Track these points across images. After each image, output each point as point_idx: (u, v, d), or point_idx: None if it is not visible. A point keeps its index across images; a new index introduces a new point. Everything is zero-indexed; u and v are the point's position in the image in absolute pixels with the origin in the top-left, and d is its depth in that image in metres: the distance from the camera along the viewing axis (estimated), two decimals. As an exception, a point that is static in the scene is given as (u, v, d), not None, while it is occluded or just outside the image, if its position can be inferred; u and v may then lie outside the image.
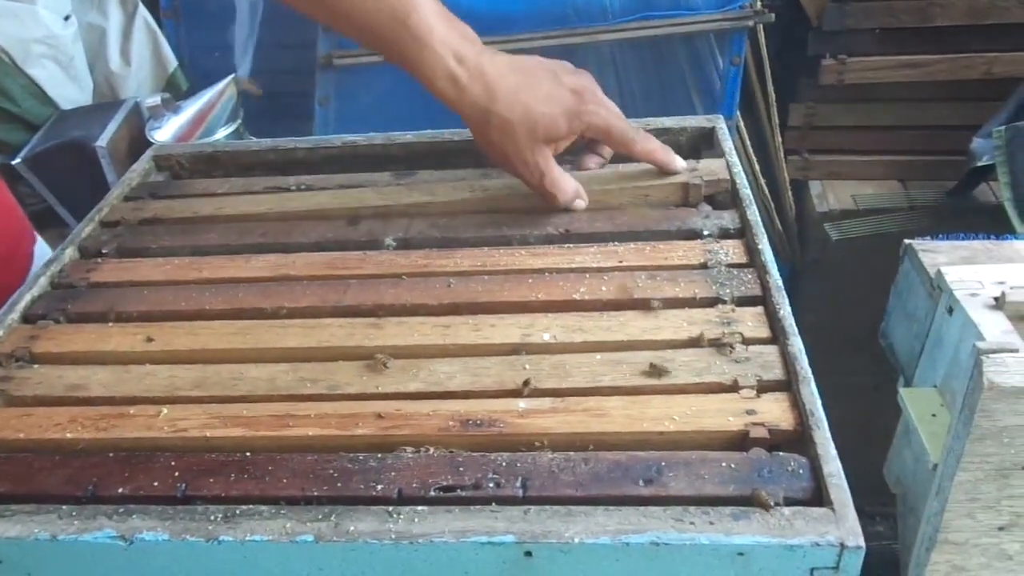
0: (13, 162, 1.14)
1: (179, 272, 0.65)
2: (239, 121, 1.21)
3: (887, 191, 1.31)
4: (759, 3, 1.09)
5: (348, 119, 1.17)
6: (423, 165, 0.79)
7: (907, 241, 0.71)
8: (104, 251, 0.68)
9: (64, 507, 0.44)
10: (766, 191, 1.31)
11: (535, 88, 0.63)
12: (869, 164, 1.33)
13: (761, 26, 1.14)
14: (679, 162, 0.68)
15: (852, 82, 1.24)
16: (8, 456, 0.49)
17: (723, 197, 0.69)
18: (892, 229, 1.24)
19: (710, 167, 0.69)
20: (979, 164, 1.07)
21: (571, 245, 0.64)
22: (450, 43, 0.61)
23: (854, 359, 1.26)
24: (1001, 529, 0.59)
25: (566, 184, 0.66)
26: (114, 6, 1.30)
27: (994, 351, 0.54)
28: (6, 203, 0.78)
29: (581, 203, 0.67)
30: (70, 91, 1.25)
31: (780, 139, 1.30)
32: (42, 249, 0.82)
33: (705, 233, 0.64)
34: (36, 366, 0.56)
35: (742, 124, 1.24)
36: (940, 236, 0.73)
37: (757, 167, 1.28)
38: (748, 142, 1.26)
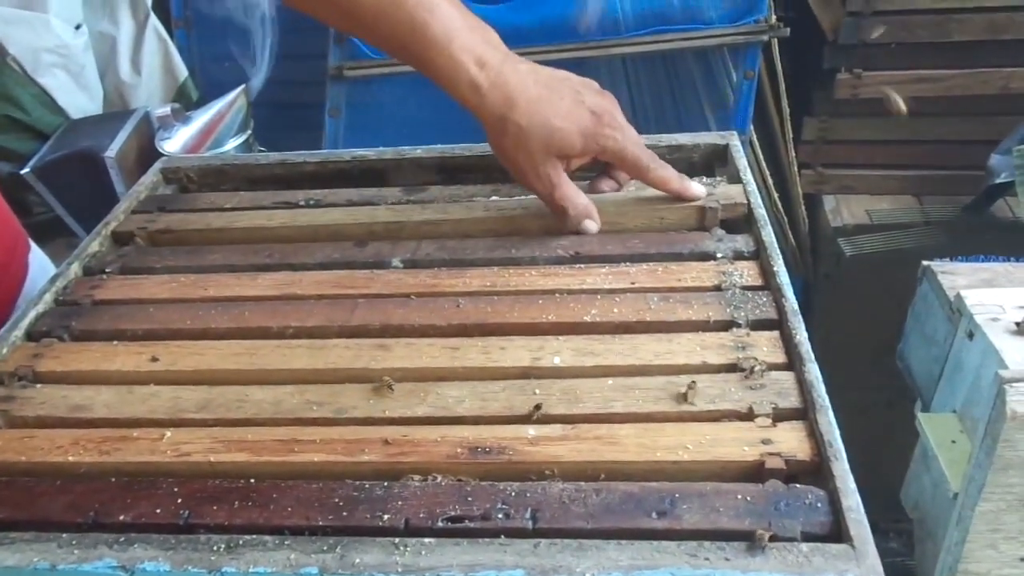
0: (22, 171, 1.14)
1: (185, 290, 0.64)
2: (249, 132, 1.21)
3: (902, 206, 1.29)
4: (774, 17, 1.08)
5: (358, 130, 1.16)
6: (433, 180, 0.79)
7: (925, 263, 0.70)
8: (108, 270, 0.67)
9: (64, 535, 0.43)
10: (779, 206, 1.30)
11: (555, 103, 0.62)
12: (884, 179, 1.32)
13: (775, 40, 1.13)
14: (695, 189, 0.67)
15: (867, 96, 1.23)
16: (9, 480, 0.48)
17: (738, 220, 0.68)
18: (907, 245, 1.22)
19: (728, 192, 0.68)
20: (998, 181, 1.06)
21: (582, 266, 0.63)
22: (472, 49, 0.60)
23: (867, 375, 1.25)
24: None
25: (578, 199, 0.65)
26: (125, 15, 1.31)
27: (1018, 380, 0.52)
28: (1, 211, 0.78)
29: (592, 224, 0.66)
30: (80, 100, 1.25)
31: (794, 153, 1.29)
32: (37, 257, 0.81)
33: (719, 255, 0.63)
34: (39, 386, 0.56)
35: (755, 138, 1.22)
36: (958, 256, 0.72)
37: (770, 181, 1.27)
38: (761, 156, 1.25)
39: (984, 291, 0.63)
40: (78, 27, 1.26)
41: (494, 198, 0.72)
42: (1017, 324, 0.59)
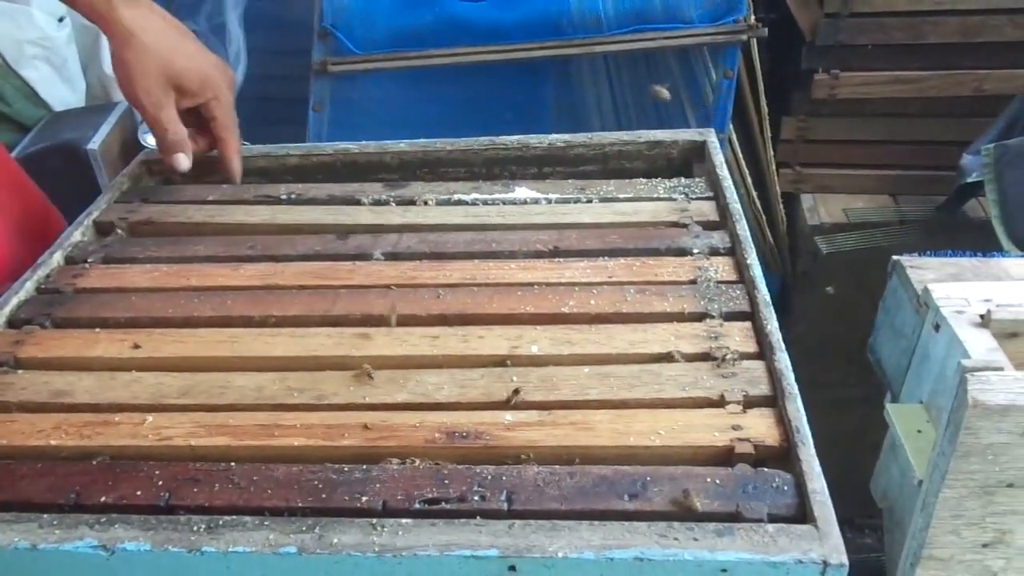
0: (4, 163, 1.13)
1: (167, 279, 0.64)
2: (232, 126, 1.21)
3: (878, 205, 1.31)
4: (753, 17, 1.10)
5: (342, 125, 1.17)
6: (415, 174, 0.79)
7: (895, 257, 0.72)
8: (91, 259, 0.67)
9: (45, 516, 0.44)
10: (758, 204, 1.31)
11: (185, 42, 0.70)
12: (860, 178, 1.33)
13: (754, 40, 1.14)
14: (239, 174, 0.76)
15: (844, 97, 1.24)
16: (-10, 463, 0.49)
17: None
18: (882, 243, 1.24)
19: (701, 208, 0.70)
20: (969, 180, 1.08)
21: (560, 260, 0.64)
22: None
23: (844, 372, 1.27)
24: (985, 546, 0.59)
25: (179, 127, 0.71)
26: (109, 9, 1.30)
27: (979, 369, 0.54)
28: (26, 183, 0.80)
29: (184, 160, 0.72)
30: (63, 93, 1.25)
31: (772, 152, 1.30)
32: None
33: (695, 251, 0.64)
34: (21, 371, 0.56)
35: (735, 137, 1.24)
36: (929, 252, 0.73)
37: (749, 180, 1.29)
38: (740, 155, 1.26)
39: (950, 285, 0.65)
40: (61, 20, 1.26)
41: (473, 195, 0.73)
42: (981, 316, 0.61)
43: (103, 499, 0.46)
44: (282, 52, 1.33)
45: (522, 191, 0.73)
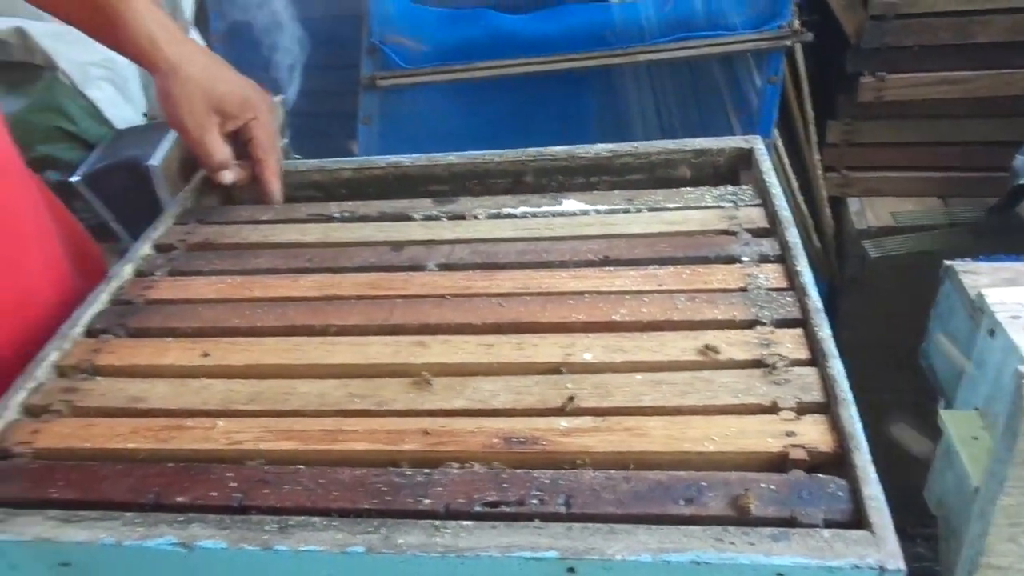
0: (72, 179, 1.18)
1: (232, 291, 0.67)
2: (286, 140, 1.24)
3: (927, 208, 1.29)
4: (797, 22, 1.10)
5: (391, 138, 1.20)
6: (464, 186, 0.81)
7: (947, 262, 0.71)
8: (158, 272, 0.71)
9: (128, 514, 0.47)
10: (804, 209, 1.31)
11: (225, 71, 0.75)
12: (908, 181, 1.32)
13: (799, 45, 1.14)
14: (278, 195, 0.80)
15: (891, 99, 1.23)
16: (75, 464, 0.52)
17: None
18: (932, 247, 1.23)
19: (750, 215, 0.70)
20: (1022, 182, 1.06)
21: (611, 269, 0.65)
22: (153, 12, 0.71)
23: (894, 377, 1.25)
24: (1044, 554, 0.59)
25: (224, 148, 0.75)
26: (167, 30, 1.35)
27: (1036, 375, 0.53)
28: (69, 218, 0.83)
29: (228, 174, 0.76)
30: (125, 112, 1.30)
31: (818, 156, 1.30)
32: None
33: (744, 259, 0.65)
34: (99, 378, 0.59)
35: (780, 142, 1.24)
36: (981, 256, 0.73)
37: (796, 184, 1.28)
38: (786, 160, 1.26)
39: (1005, 290, 0.64)
40: (122, 41, 1.31)
41: (522, 209, 0.74)
42: (1038, 322, 0.60)
43: (180, 499, 0.48)
44: (330, 67, 1.37)
45: (570, 203, 0.74)
